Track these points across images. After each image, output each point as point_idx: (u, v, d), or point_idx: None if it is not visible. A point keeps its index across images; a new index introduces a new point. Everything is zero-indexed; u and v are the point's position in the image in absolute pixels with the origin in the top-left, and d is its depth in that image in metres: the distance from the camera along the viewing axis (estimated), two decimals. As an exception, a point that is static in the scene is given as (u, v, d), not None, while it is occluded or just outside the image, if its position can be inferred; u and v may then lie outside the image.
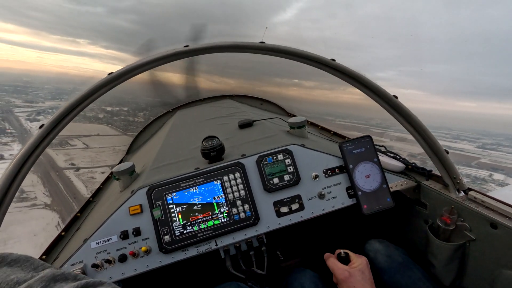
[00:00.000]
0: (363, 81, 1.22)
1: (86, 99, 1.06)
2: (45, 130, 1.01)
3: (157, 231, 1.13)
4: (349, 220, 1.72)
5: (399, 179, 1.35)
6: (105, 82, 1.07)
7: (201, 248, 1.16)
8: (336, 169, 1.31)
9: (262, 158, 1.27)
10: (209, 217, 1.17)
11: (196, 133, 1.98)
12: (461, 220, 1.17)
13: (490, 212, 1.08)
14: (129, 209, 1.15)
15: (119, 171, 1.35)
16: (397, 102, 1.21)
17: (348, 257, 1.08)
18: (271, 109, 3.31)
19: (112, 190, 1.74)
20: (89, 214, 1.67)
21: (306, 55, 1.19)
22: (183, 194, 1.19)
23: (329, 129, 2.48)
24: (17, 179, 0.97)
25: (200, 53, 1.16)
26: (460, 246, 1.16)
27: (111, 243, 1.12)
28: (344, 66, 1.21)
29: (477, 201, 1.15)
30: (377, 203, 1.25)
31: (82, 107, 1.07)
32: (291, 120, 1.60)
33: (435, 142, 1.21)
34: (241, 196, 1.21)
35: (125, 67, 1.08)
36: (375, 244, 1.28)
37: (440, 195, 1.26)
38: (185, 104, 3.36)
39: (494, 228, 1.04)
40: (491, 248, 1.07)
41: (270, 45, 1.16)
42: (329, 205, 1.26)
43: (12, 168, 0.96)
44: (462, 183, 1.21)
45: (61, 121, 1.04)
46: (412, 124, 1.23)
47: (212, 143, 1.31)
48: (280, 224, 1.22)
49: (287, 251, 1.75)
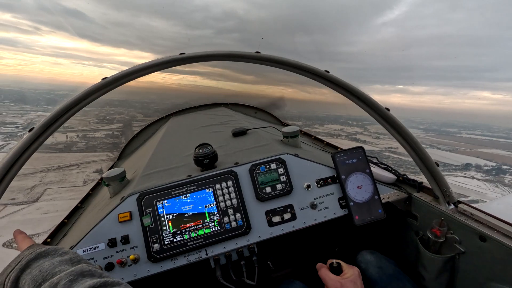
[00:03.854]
0: (356, 93, 1.24)
1: (78, 103, 1.05)
2: (34, 133, 0.99)
3: (146, 239, 1.11)
4: (340, 230, 1.72)
5: (390, 191, 1.36)
6: (98, 86, 1.06)
7: (191, 257, 1.14)
8: (329, 179, 1.31)
9: (255, 167, 1.27)
10: (200, 226, 1.16)
11: (189, 140, 1.97)
12: (451, 233, 1.18)
13: (479, 225, 1.09)
14: (118, 216, 1.12)
15: (109, 177, 1.33)
16: (389, 114, 1.23)
17: (340, 267, 1.07)
18: (265, 118, 3.33)
19: (102, 196, 1.70)
20: (77, 221, 1.63)
21: (300, 65, 1.20)
22: (174, 202, 1.17)
23: (322, 139, 2.50)
24: (3, 183, 0.94)
25: (195, 61, 1.16)
26: (450, 258, 1.16)
27: (98, 251, 1.09)
28: (337, 78, 1.23)
29: (467, 213, 1.16)
30: (369, 214, 1.26)
31: (74, 111, 1.06)
32: (284, 129, 1.61)
33: (426, 154, 1.23)
34: (233, 204, 1.20)
35: (120, 73, 1.08)
36: (366, 255, 1.27)
37: (431, 207, 1.27)
38: (179, 111, 3.36)
39: (483, 241, 1.05)
40: (480, 261, 1.08)
41: (265, 55, 1.18)
42: (321, 216, 1.26)
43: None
44: (452, 196, 1.23)
45: (51, 125, 1.02)
46: (403, 136, 1.25)
47: (205, 151, 1.30)
48: (271, 234, 1.21)
49: (278, 261, 1.73)
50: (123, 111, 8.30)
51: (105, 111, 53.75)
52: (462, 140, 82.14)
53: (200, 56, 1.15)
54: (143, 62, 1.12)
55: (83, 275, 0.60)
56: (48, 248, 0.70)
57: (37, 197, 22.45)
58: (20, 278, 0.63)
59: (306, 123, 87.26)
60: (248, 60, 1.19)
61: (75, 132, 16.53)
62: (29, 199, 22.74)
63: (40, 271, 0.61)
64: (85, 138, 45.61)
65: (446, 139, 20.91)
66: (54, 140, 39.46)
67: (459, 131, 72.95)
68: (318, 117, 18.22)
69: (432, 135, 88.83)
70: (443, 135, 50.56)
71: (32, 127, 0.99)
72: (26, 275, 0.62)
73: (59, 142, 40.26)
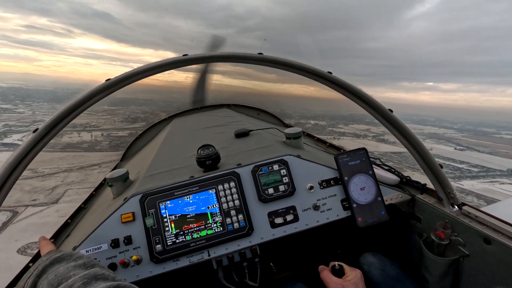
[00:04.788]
0: (358, 94, 1.24)
1: (82, 104, 1.06)
2: (38, 134, 0.99)
3: (149, 240, 1.11)
4: (343, 232, 1.71)
5: (393, 192, 1.35)
6: (102, 88, 1.07)
7: (193, 258, 1.14)
8: (331, 181, 1.31)
9: (257, 168, 1.27)
10: (202, 227, 1.16)
11: (191, 141, 1.97)
12: (455, 235, 1.17)
13: (484, 228, 1.08)
14: (121, 216, 1.13)
15: (112, 177, 1.34)
16: (392, 115, 1.23)
17: (342, 270, 1.06)
18: (268, 119, 3.33)
19: (105, 197, 1.71)
20: (80, 221, 1.64)
21: (303, 67, 1.20)
22: (177, 203, 1.17)
23: (325, 141, 2.49)
24: (7, 184, 0.95)
25: (198, 63, 1.16)
26: (454, 261, 1.15)
27: (101, 251, 1.09)
28: (340, 79, 1.22)
29: (471, 216, 1.15)
30: (372, 216, 1.25)
31: (78, 112, 1.06)
32: (287, 130, 1.61)
33: (429, 156, 1.22)
34: (235, 206, 1.20)
35: (123, 74, 1.08)
36: (369, 257, 1.27)
37: (434, 209, 1.26)
38: (181, 112, 3.37)
39: (488, 243, 1.04)
40: (484, 264, 1.07)
41: (267, 56, 1.18)
42: (324, 217, 1.25)
43: (3, 172, 0.94)
44: (456, 198, 1.22)
45: (55, 126, 1.02)
46: (407, 138, 1.24)
47: (207, 152, 1.31)
48: (274, 235, 1.20)
49: (281, 263, 1.72)
50: (148, 110, 8.44)
51: (130, 110, 53.37)
52: (503, 141, 76.57)
53: (202, 57, 1.15)
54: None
55: (97, 278, 0.62)
56: (63, 253, 0.72)
57: (57, 198, 22.52)
58: (38, 283, 0.65)
59: (330, 122, 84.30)
60: (251, 61, 1.19)
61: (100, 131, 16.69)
62: (49, 200, 22.79)
63: (56, 276, 0.63)
64: (109, 137, 45.82)
65: (485, 140, 20.05)
66: (80, 139, 39.69)
67: (498, 131, 69.18)
68: (342, 116, 18.07)
69: (468, 135, 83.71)
70: (480, 136, 46.98)
71: (36, 128, 1.00)
72: (42, 280, 0.64)
73: (84, 141, 40.44)
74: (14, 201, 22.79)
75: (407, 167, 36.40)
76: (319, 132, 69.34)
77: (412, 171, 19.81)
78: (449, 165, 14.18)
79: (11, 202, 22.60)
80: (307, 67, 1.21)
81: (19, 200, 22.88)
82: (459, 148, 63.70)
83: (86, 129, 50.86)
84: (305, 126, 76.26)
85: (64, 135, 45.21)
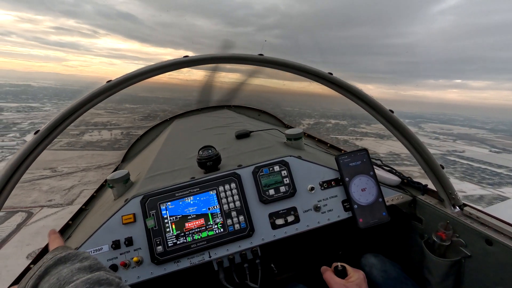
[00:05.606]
0: (359, 95, 1.24)
1: (83, 105, 1.06)
2: (40, 136, 1.00)
3: (150, 241, 1.11)
4: (344, 233, 1.71)
5: (394, 193, 1.35)
6: (103, 89, 1.07)
7: (194, 260, 1.14)
8: (332, 182, 1.30)
9: (258, 169, 1.27)
10: (203, 228, 1.16)
11: (192, 142, 1.98)
12: (457, 236, 1.16)
13: (486, 229, 1.08)
14: (122, 218, 1.13)
15: (113, 179, 1.34)
16: (393, 116, 1.22)
17: (345, 271, 1.06)
18: (269, 120, 3.33)
19: (106, 198, 1.71)
20: (81, 222, 1.64)
21: (303, 68, 1.21)
22: (177, 204, 1.17)
23: (325, 142, 2.49)
24: (8, 186, 0.95)
25: (198, 64, 1.17)
26: (456, 262, 1.15)
27: (102, 253, 1.09)
28: (341, 80, 1.23)
29: (472, 217, 1.15)
30: (373, 217, 1.25)
31: (79, 113, 1.06)
32: (288, 131, 1.61)
33: (431, 157, 1.22)
34: (236, 207, 1.20)
35: (123, 76, 1.09)
36: (370, 258, 1.26)
37: (436, 210, 1.25)
38: (182, 113, 3.37)
39: (490, 244, 1.04)
40: (486, 265, 1.06)
41: (267, 57, 1.18)
42: (325, 218, 1.25)
43: (4, 173, 0.94)
44: (458, 199, 1.21)
45: (56, 127, 1.03)
46: (408, 139, 1.24)
47: (208, 153, 1.31)
48: (275, 237, 1.20)
49: (281, 264, 1.72)
50: (167, 108, 8.28)
51: (150, 108, 53.18)
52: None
53: (203, 59, 1.15)
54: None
55: (100, 283, 0.59)
56: (69, 253, 0.68)
57: (72, 199, 22.48)
58: (38, 286, 0.62)
59: (351, 122, 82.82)
60: (251, 62, 1.19)
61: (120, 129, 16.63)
62: (65, 201, 22.74)
63: (58, 279, 0.60)
64: (128, 135, 45.84)
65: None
66: (100, 137, 39.59)
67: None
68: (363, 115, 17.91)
69: (502, 136, 77.64)
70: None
71: (37, 130, 1.00)
72: (44, 283, 0.61)
73: (104, 139, 40.47)
74: (30, 202, 22.70)
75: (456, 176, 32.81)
76: (340, 132, 65.54)
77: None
78: (485, 169, 13.12)
79: (28, 203, 22.52)
80: (307, 68, 1.21)
81: (36, 201, 22.82)
82: (494, 150, 57.97)
83: (107, 127, 50.94)
84: (326, 125, 72.20)
85: (85, 133, 45.22)
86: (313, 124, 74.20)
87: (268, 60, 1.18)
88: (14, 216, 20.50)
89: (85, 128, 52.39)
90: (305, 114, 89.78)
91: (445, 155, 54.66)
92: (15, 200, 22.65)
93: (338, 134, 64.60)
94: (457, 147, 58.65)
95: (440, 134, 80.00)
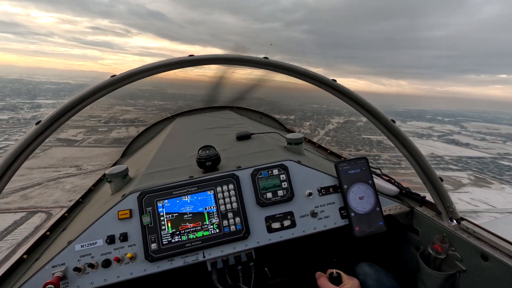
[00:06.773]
0: (362, 103, 1.24)
1: (85, 99, 1.06)
2: (41, 127, 1.00)
3: (145, 238, 1.11)
4: (340, 241, 1.70)
5: (392, 203, 1.34)
6: (106, 84, 1.08)
7: (188, 259, 1.13)
8: (331, 188, 1.30)
9: (257, 172, 1.27)
10: (199, 228, 1.15)
11: (193, 141, 1.98)
12: (452, 250, 1.16)
13: (482, 244, 1.07)
14: (118, 213, 1.13)
15: (112, 173, 1.34)
16: (395, 126, 1.22)
17: (340, 278, 1.05)
18: (270, 123, 3.34)
19: (103, 193, 1.71)
20: (77, 215, 1.64)
21: (307, 73, 1.21)
22: (174, 202, 1.17)
23: (326, 148, 2.49)
24: (7, 174, 0.95)
25: (203, 64, 1.17)
26: (450, 276, 1.14)
27: (96, 247, 1.09)
28: (344, 87, 1.23)
29: (469, 231, 1.14)
30: (369, 226, 1.24)
31: (81, 106, 1.07)
32: (289, 136, 1.61)
33: (430, 169, 1.21)
34: (233, 208, 1.20)
35: (127, 72, 1.09)
36: (365, 267, 1.26)
37: (433, 223, 1.25)
38: (184, 112, 3.38)
39: (485, 260, 1.03)
40: (481, 281, 1.06)
41: (272, 61, 1.18)
42: (321, 224, 1.25)
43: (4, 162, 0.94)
44: (455, 212, 1.21)
45: (58, 119, 1.03)
46: (408, 150, 1.24)
47: (208, 153, 1.31)
48: (270, 240, 1.20)
49: (275, 268, 1.71)
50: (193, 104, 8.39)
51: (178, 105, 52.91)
52: None
53: (207, 59, 1.16)
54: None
55: None
56: None
57: None
58: None
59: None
60: (255, 65, 1.20)
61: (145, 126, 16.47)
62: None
63: None
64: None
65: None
66: (127, 134, 39.49)
67: None
68: (397, 112, 16.65)
69: None
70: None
71: (39, 120, 1.00)
72: None
73: (130, 136, 41.23)
74: (52, 201, 22.54)
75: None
76: (372, 132, 59.25)
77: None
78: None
79: (49, 203, 22.35)
80: (311, 73, 1.21)
81: (57, 200, 22.71)
82: (551, 152, 48.17)
83: (134, 124, 50.92)
84: (356, 124, 68.23)
85: (113, 130, 45.04)
86: (343, 123, 69.63)
87: (272, 64, 1.19)
88: (33, 217, 20.40)
89: (114, 125, 51.87)
90: (334, 112, 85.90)
91: (496, 159, 47.21)
92: (38, 199, 22.49)
93: (370, 135, 60.19)
94: (509, 150, 52.03)
95: (486, 134, 72.75)
